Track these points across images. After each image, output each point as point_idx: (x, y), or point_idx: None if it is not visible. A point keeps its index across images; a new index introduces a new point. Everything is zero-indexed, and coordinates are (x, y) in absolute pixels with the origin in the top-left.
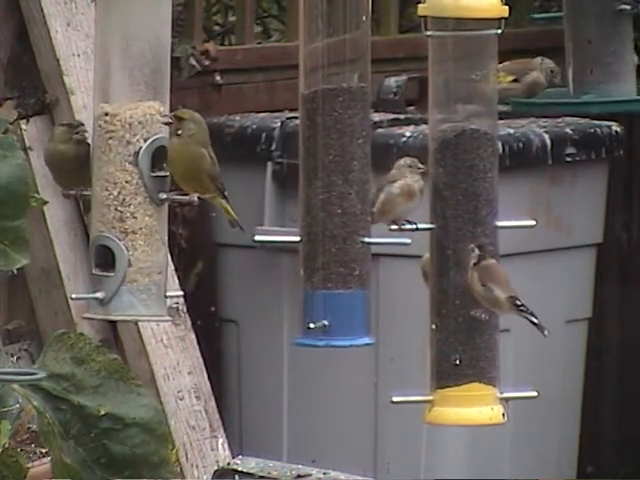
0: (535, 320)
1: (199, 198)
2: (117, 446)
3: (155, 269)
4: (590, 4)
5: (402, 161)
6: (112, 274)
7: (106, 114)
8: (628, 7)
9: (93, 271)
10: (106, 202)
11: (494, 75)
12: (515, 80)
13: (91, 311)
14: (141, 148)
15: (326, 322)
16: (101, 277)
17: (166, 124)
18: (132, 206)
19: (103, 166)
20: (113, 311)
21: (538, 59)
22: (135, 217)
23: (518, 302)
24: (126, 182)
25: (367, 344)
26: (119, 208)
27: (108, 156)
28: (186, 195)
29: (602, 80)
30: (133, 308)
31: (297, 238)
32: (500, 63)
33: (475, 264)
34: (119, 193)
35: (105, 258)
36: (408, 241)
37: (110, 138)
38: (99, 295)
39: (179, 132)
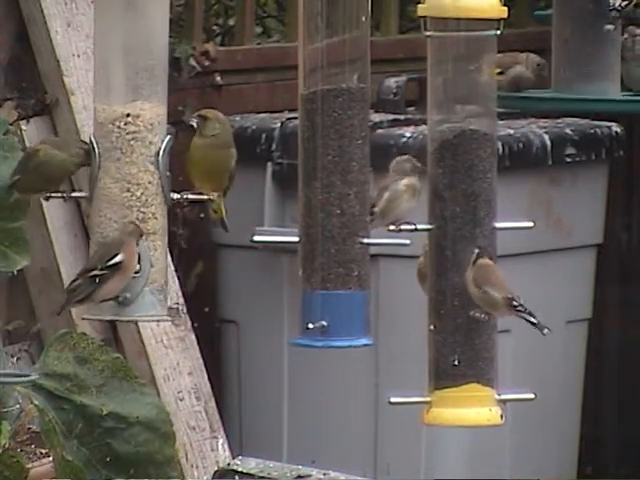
0: (533, 320)
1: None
2: (121, 445)
3: (166, 269)
4: (570, 3)
5: (398, 161)
6: (138, 275)
7: (127, 115)
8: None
9: None
10: (128, 204)
11: (493, 75)
12: (501, 73)
13: (111, 312)
14: (160, 148)
15: (324, 322)
16: None
17: (190, 126)
18: (153, 207)
19: (123, 167)
20: (135, 312)
21: (524, 54)
22: (156, 217)
23: (515, 302)
24: (149, 183)
25: (365, 345)
26: (142, 209)
27: (130, 157)
28: (199, 194)
29: (575, 80)
30: (154, 308)
31: (296, 238)
32: None
33: (473, 263)
34: (142, 194)
35: None
36: (407, 242)
37: (133, 139)
38: (128, 295)
39: (202, 132)
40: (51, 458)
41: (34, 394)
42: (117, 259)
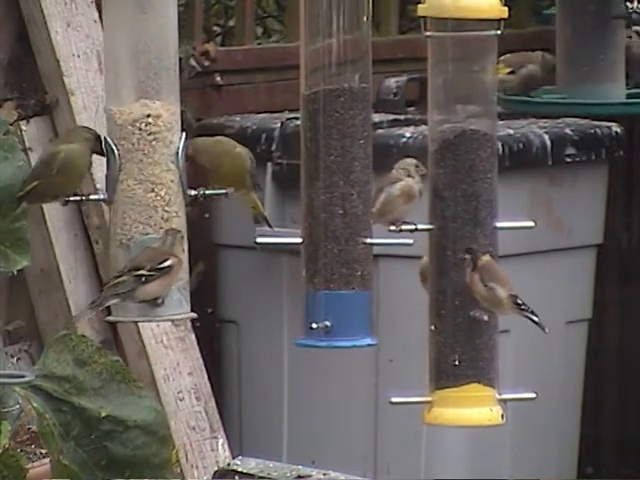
0: (536, 319)
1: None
2: (118, 448)
3: (187, 266)
4: (573, 3)
5: (403, 162)
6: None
7: (148, 115)
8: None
9: None
10: (153, 204)
11: (494, 75)
12: (512, 72)
13: (140, 313)
14: (179, 147)
15: (328, 323)
16: None
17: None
18: (176, 205)
19: (146, 168)
20: (165, 311)
21: (538, 53)
22: (179, 216)
23: (519, 301)
24: (171, 182)
25: (369, 345)
26: (166, 208)
27: (153, 157)
28: (215, 189)
29: (578, 80)
30: (181, 306)
31: (299, 240)
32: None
33: (473, 269)
34: (165, 193)
35: None
36: (410, 241)
37: (154, 139)
38: (165, 298)
39: (200, 163)
40: (49, 460)
41: (33, 395)
42: (167, 263)
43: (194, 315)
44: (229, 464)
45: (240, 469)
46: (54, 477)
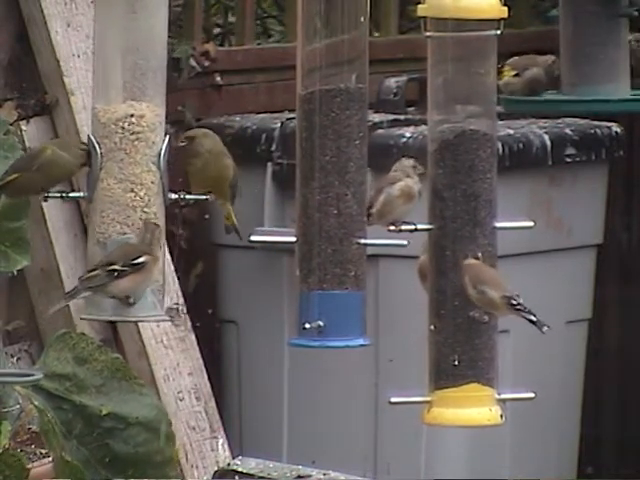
0: (533, 318)
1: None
2: (120, 445)
3: (164, 269)
4: (575, 4)
5: (402, 162)
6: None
7: (131, 115)
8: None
9: None
10: (132, 204)
11: (493, 76)
12: (517, 75)
13: (113, 312)
14: (161, 149)
15: (321, 323)
16: None
17: (181, 147)
18: (155, 207)
19: (127, 167)
20: (137, 312)
21: (546, 57)
22: (157, 218)
23: (513, 301)
24: (152, 183)
25: (362, 345)
26: (145, 209)
27: (134, 157)
28: (197, 195)
29: (582, 81)
30: (155, 309)
31: (293, 239)
32: (499, 63)
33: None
34: (145, 194)
35: None
36: (404, 242)
37: (137, 139)
38: (137, 298)
39: (196, 150)
40: (51, 458)
41: (34, 394)
42: (141, 260)
43: (167, 319)
44: (229, 464)
45: (240, 469)
46: (57, 474)
